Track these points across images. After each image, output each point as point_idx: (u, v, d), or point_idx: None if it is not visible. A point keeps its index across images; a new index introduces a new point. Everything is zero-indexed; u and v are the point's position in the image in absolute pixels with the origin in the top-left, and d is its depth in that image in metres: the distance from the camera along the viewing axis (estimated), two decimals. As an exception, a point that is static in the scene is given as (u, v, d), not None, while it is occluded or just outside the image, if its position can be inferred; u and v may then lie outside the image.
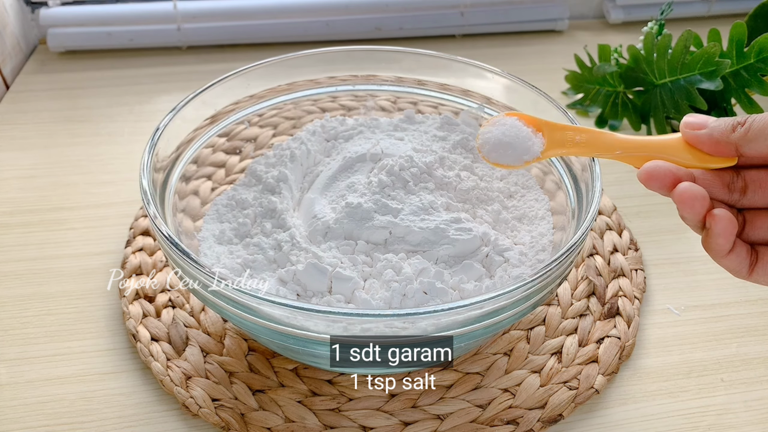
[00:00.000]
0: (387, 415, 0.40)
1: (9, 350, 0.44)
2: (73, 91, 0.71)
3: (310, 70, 0.53)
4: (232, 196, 0.49)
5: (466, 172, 0.48)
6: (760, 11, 0.60)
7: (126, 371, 0.43)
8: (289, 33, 0.79)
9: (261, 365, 0.42)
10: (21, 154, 0.61)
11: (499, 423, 0.40)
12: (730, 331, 0.46)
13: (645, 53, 0.61)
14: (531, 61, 0.78)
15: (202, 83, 0.48)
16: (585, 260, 0.50)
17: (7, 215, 0.54)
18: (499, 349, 0.44)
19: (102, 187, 0.57)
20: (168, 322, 0.45)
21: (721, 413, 0.41)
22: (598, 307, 0.47)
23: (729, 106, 0.60)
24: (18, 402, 0.41)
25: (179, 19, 0.76)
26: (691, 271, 0.51)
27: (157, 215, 0.38)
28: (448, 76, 0.53)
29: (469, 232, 0.42)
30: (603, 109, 0.66)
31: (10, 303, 0.47)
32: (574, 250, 0.36)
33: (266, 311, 0.34)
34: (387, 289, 0.40)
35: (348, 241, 0.43)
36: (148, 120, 0.66)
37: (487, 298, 0.33)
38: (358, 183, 0.46)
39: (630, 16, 0.84)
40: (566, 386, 0.42)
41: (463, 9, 0.81)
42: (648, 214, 0.56)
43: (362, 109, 0.56)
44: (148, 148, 0.41)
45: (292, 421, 0.40)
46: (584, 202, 0.41)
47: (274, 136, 0.56)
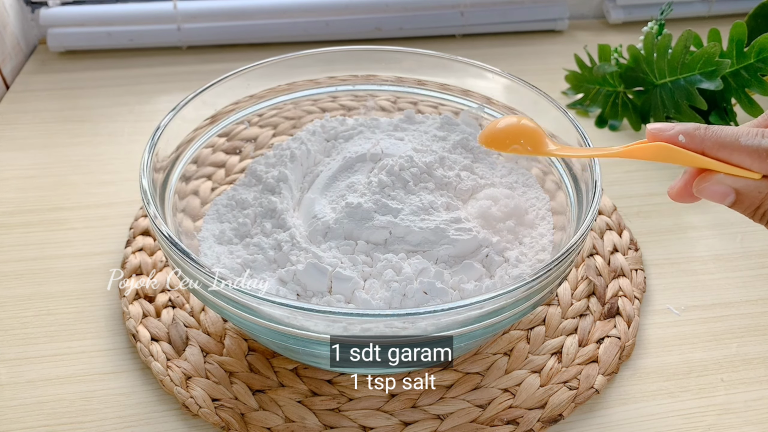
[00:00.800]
0: (387, 415, 0.40)
1: (9, 350, 0.44)
2: (73, 91, 0.71)
3: (310, 70, 0.53)
4: (232, 196, 0.49)
5: (466, 172, 0.48)
6: (760, 11, 0.60)
7: (126, 371, 0.43)
8: (289, 33, 0.79)
9: (261, 365, 0.42)
10: (21, 154, 0.61)
11: (499, 423, 0.40)
12: (730, 331, 0.46)
13: (645, 53, 0.61)
14: (531, 61, 0.78)
15: (202, 83, 0.48)
16: (585, 260, 0.50)
17: (7, 215, 0.54)
18: (499, 349, 0.44)
19: (102, 187, 0.57)
20: (168, 322, 0.45)
21: (721, 413, 0.41)
22: (598, 307, 0.47)
23: (729, 106, 0.60)
24: (18, 402, 0.41)
25: (179, 19, 0.76)
26: (691, 271, 0.51)
27: (157, 215, 0.38)
28: (448, 76, 0.53)
29: (469, 232, 0.42)
30: (603, 109, 0.66)
31: (10, 303, 0.47)
32: (574, 250, 0.36)
33: (266, 311, 0.34)
34: (387, 289, 0.40)
35: (348, 241, 0.43)
36: (148, 120, 0.66)
37: (487, 298, 0.33)
38: (358, 183, 0.46)
39: (630, 16, 0.84)
40: (566, 386, 0.42)
41: (463, 9, 0.81)
42: (648, 214, 0.56)
43: (362, 109, 0.56)
44: (148, 148, 0.41)
45: (292, 421, 0.40)
46: (584, 202, 0.41)
47: (274, 136, 0.56)
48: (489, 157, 0.51)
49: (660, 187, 0.59)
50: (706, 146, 0.32)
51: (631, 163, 0.61)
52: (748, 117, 0.59)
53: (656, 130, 0.33)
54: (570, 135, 0.44)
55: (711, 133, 0.32)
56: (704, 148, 0.32)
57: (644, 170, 0.61)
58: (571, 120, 0.44)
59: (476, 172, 0.49)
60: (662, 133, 0.33)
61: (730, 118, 0.60)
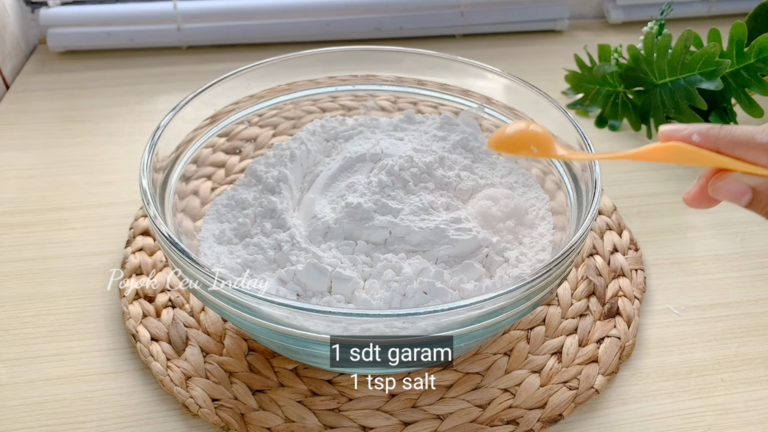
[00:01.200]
0: (387, 415, 0.40)
1: (9, 350, 0.44)
2: (73, 91, 0.71)
3: (310, 70, 0.53)
4: (232, 196, 0.49)
5: (466, 172, 0.48)
6: (760, 11, 0.60)
7: (126, 371, 0.43)
8: (289, 33, 0.79)
9: (261, 365, 0.42)
10: (21, 154, 0.61)
11: (499, 423, 0.40)
12: (730, 331, 0.46)
13: (645, 53, 0.61)
14: (531, 61, 0.78)
15: (202, 83, 0.48)
16: (585, 260, 0.50)
17: (7, 215, 0.54)
18: (499, 349, 0.44)
19: (102, 187, 0.57)
20: (168, 322, 0.45)
21: (721, 413, 0.41)
22: (598, 307, 0.47)
23: (729, 106, 0.60)
24: (18, 402, 0.41)
25: (179, 19, 0.76)
26: (691, 271, 0.51)
27: (157, 215, 0.38)
28: (448, 76, 0.53)
29: (469, 232, 0.42)
30: (603, 109, 0.66)
31: (10, 303, 0.47)
32: (574, 250, 0.36)
33: (266, 311, 0.34)
34: (387, 289, 0.40)
35: (348, 241, 0.43)
36: (148, 120, 0.66)
37: (487, 298, 0.33)
38: (358, 183, 0.46)
39: (630, 16, 0.84)
40: (566, 386, 0.42)
41: (463, 9, 0.81)
42: (648, 214, 0.56)
43: (362, 109, 0.56)
44: (148, 148, 0.41)
45: (292, 421, 0.40)
46: (584, 202, 0.41)
47: (274, 136, 0.56)
48: (489, 157, 0.51)
49: (660, 187, 0.59)
50: (721, 145, 0.31)
51: (631, 163, 0.61)
52: (748, 117, 0.59)
53: (669, 131, 0.33)
54: (570, 135, 0.44)
55: (726, 132, 0.31)
56: (719, 146, 0.32)
57: (644, 170, 0.61)
58: (571, 120, 0.44)
59: (476, 172, 0.49)
60: (676, 133, 0.33)
61: (730, 118, 0.60)
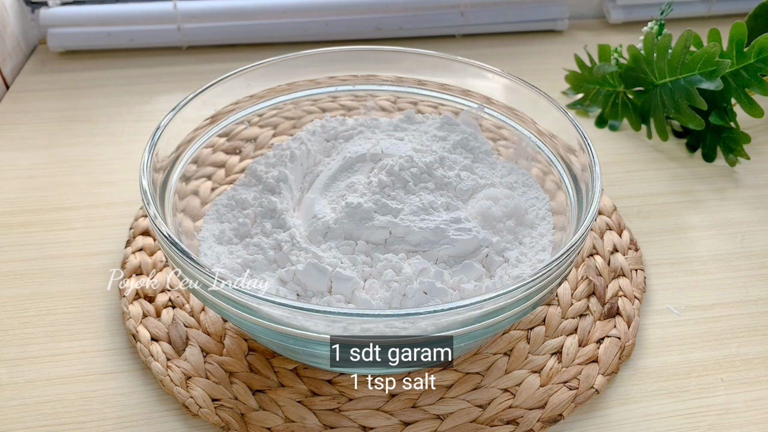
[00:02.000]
0: (387, 415, 0.40)
1: (9, 350, 0.44)
2: (73, 91, 0.71)
3: (310, 70, 0.53)
4: (232, 196, 0.49)
5: (466, 172, 0.48)
6: (760, 11, 0.60)
7: (126, 371, 0.43)
8: (289, 33, 0.79)
9: (261, 365, 0.42)
10: (21, 154, 0.61)
11: (499, 423, 0.40)
12: (730, 331, 0.46)
13: (645, 53, 0.61)
14: (531, 61, 0.78)
15: (202, 83, 0.48)
16: (585, 260, 0.50)
17: (7, 215, 0.54)
18: (499, 349, 0.44)
19: (102, 187, 0.57)
20: (168, 322, 0.45)
21: (721, 413, 0.41)
22: (598, 307, 0.47)
23: (729, 106, 0.60)
24: (18, 402, 0.41)
25: (179, 19, 0.76)
26: (691, 271, 0.51)
27: (157, 215, 0.38)
28: (448, 76, 0.53)
29: (469, 232, 0.42)
30: (603, 109, 0.66)
31: (10, 303, 0.47)
32: (574, 250, 0.36)
33: (266, 311, 0.34)
34: (387, 289, 0.40)
35: (348, 241, 0.43)
36: (148, 120, 0.66)
37: (487, 298, 0.33)
38: (358, 183, 0.46)
39: (630, 16, 0.84)
40: (566, 386, 0.42)
41: (463, 9, 0.81)
42: (648, 214, 0.56)
43: (362, 109, 0.56)
44: (148, 148, 0.41)
45: (292, 421, 0.40)
46: (584, 202, 0.41)
47: (274, 136, 0.56)
48: (489, 157, 0.51)
49: (660, 187, 0.59)
50: None
51: (631, 163, 0.61)
52: (748, 117, 0.59)
53: None
54: (570, 135, 0.44)
55: None
56: None
57: (644, 170, 0.61)
58: (571, 120, 0.44)
59: (476, 172, 0.49)
60: None
61: (730, 118, 0.60)
